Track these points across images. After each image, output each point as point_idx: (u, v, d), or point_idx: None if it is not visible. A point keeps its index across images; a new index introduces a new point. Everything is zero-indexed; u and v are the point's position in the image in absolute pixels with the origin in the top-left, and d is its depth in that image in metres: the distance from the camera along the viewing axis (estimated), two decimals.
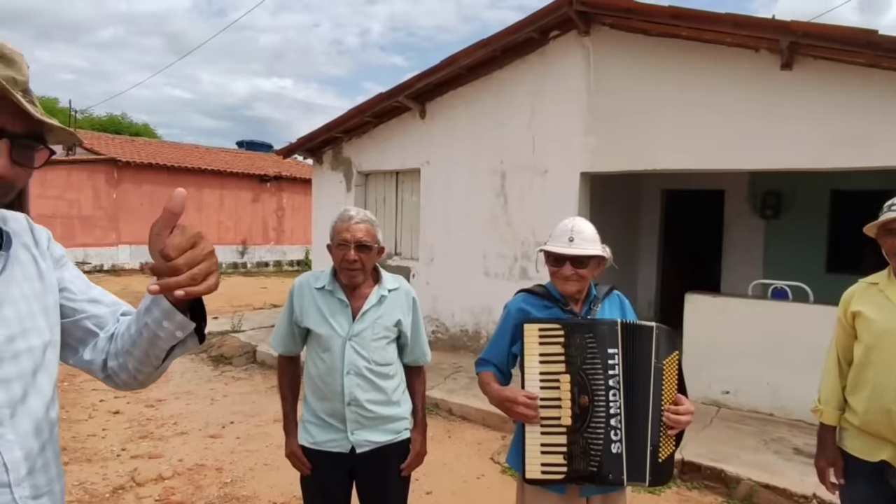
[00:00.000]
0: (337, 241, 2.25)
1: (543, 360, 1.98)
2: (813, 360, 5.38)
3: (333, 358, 2.26)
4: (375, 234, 2.29)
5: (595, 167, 6.45)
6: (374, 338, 2.28)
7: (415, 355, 2.47)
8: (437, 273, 7.71)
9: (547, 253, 2.20)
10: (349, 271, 2.24)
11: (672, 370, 2.06)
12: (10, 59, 0.98)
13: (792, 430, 5.19)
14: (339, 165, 8.71)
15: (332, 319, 2.27)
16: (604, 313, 2.23)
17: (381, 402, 2.31)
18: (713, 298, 5.88)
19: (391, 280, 2.39)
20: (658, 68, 6.03)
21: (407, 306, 2.39)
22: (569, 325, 1.99)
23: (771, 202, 8.23)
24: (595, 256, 2.15)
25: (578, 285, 2.16)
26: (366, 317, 2.27)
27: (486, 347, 2.33)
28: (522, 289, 2.34)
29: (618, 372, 1.98)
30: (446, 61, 7.02)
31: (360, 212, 2.30)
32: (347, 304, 2.28)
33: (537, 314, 2.18)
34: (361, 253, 2.23)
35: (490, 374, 2.23)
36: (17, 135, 0.97)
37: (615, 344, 1.98)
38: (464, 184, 7.42)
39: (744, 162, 5.69)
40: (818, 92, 5.25)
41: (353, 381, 2.25)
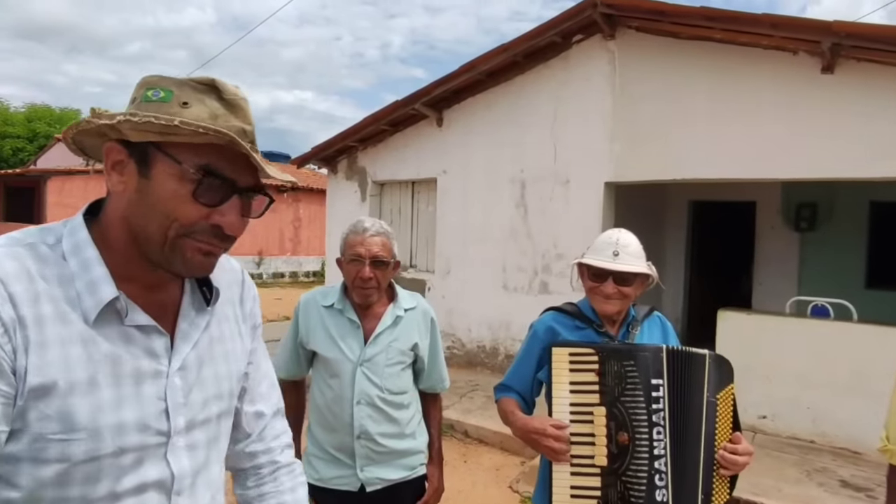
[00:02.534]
0: (349, 255, 2.03)
1: (574, 389, 1.75)
2: (857, 382, 5.10)
3: (342, 385, 2.04)
4: (392, 247, 2.08)
5: (620, 177, 6.15)
6: (388, 363, 2.07)
7: (431, 381, 2.26)
8: (454, 286, 7.42)
9: (586, 267, 1.97)
10: (363, 290, 2.02)
11: (727, 406, 1.81)
12: (236, 105, 0.92)
13: (836, 458, 4.82)
14: (354, 175, 8.49)
15: (342, 342, 2.05)
16: (643, 337, 2.01)
17: (395, 436, 2.10)
18: (748, 316, 5.51)
19: (408, 298, 2.18)
20: (687, 73, 5.74)
21: (425, 327, 2.18)
22: (605, 351, 1.76)
23: (806, 214, 7.84)
24: (641, 274, 1.96)
25: (620, 305, 1.95)
26: (379, 340, 2.07)
27: (508, 372, 2.09)
28: (551, 307, 2.10)
29: (662, 406, 1.73)
30: (464, 67, 6.78)
31: (376, 223, 2.09)
32: (359, 324, 2.07)
33: (568, 336, 1.96)
34: (377, 269, 2.01)
35: (512, 402, 1.99)
36: (247, 189, 0.93)
37: (660, 373, 1.74)
38: (482, 194, 7.15)
39: (780, 171, 5.36)
40: (862, 97, 4.92)
41: (363, 412, 2.03)
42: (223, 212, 0.92)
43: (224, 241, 0.95)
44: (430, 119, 7.54)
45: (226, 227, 0.92)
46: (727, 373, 1.83)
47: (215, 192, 0.90)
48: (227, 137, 0.86)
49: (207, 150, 0.88)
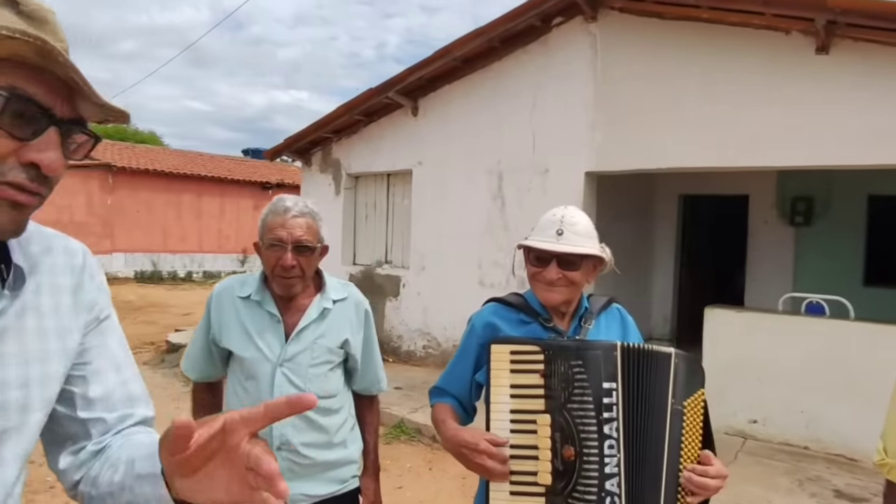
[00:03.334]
0: (269, 240, 1.78)
1: (516, 393, 1.50)
2: (854, 385, 4.74)
3: (259, 388, 1.80)
4: (318, 230, 1.83)
5: (602, 166, 5.80)
6: (312, 363, 1.83)
7: (366, 382, 2.02)
8: (429, 283, 7.06)
9: (527, 250, 1.70)
10: (285, 280, 1.77)
11: (696, 416, 1.56)
12: (40, 19, 0.76)
13: (830, 466, 4.51)
14: (329, 167, 8.13)
15: (259, 339, 1.81)
16: (598, 332, 1.74)
17: (322, 446, 1.85)
18: (738, 313, 5.16)
19: (338, 288, 1.94)
20: (673, 56, 5.40)
21: (357, 321, 1.94)
22: (550, 348, 1.51)
23: (801, 208, 7.52)
24: (590, 257, 1.68)
25: (566, 294, 1.68)
26: (303, 336, 1.82)
27: (443, 373, 1.83)
28: (493, 297, 1.83)
29: (616, 415, 1.48)
30: (439, 52, 6.43)
31: (299, 201, 1.84)
32: (279, 318, 1.82)
33: (510, 331, 1.71)
34: (301, 256, 1.77)
35: (446, 408, 1.74)
36: (65, 121, 0.77)
37: (613, 376, 1.49)
38: (458, 186, 6.80)
39: (773, 159, 5.02)
40: (859, 78, 4.61)
41: (284, 420, 1.63)
42: (39, 146, 0.74)
43: (42, 184, 0.77)
44: (405, 108, 7.19)
45: (44, 166, 0.75)
46: (697, 376, 1.57)
47: (28, 122, 0.73)
48: (38, 42, 0.69)
49: (11, 68, 0.71)
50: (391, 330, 7.51)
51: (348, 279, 7.88)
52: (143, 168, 16.04)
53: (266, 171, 20.04)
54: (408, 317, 7.29)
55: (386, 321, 7.55)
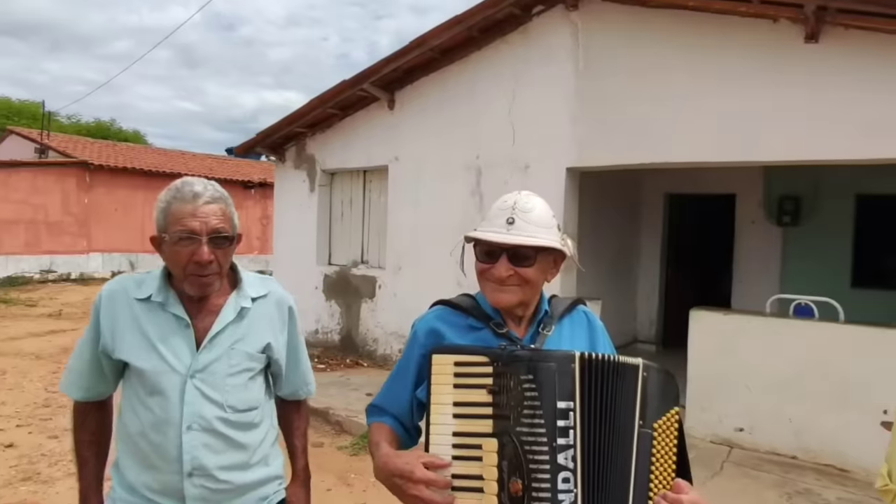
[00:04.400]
0: (176, 232, 1.50)
1: (460, 413, 1.29)
2: (845, 391, 4.46)
3: (166, 406, 1.53)
4: (232, 217, 1.59)
5: (584, 161, 5.55)
6: (231, 372, 1.58)
7: (293, 387, 1.80)
8: (406, 284, 6.78)
9: (475, 243, 1.46)
10: (201, 279, 1.53)
11: (668, 439, 1.35)
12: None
13: (820, 477, 4.28)
14: (303, 164, 7.83)
15: (164, 346, 1.54)
16: (560, 340, 1.50)
17: (240, 467, 1.61)
18: (725, 316, 4.92)
19: (256, 283, 1.69)
20: (658, 46, 5.17)
21: (280, 321, 1.71)
22: (500, 359, 1.28)
23: (788, 208, 7.31)
24: (548, 250, 1.43)
25: (520, 294, 1.44)
26: (217, 341, 1.57)
27: (381, 387, 1.59)
28: (441, 300, 1.58)
29: (572, 441, 1.25)
30: (415, 42, 6.16)
31: (209, 185, 1.57)
32: (188, 322, 1.56)
33: (456, 339, 1.47)
34: (219, 249, 1.53)
35: (383, 429, 1.50)
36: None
37: (570, 393, 1.26)
38: (435, 182, 6.53)
39: (761, 154, 4.81)
40: (850, 68, 4.41)
41: (197, 440, 1.53)
42: None
43: None
44: (381, 102, 6.91)
45: None
46: (670, 392, 1.36)
47: None
48: None
49: None
50: (367, 333, 7.22)
51: (323, 280, 7.59)
52: (121, 166, 15.61)
53: (250, 169, 19.67)
54: (384, 319, 7.00)
55: (361, 324, 7.26)
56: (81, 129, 24.83)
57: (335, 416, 5.29)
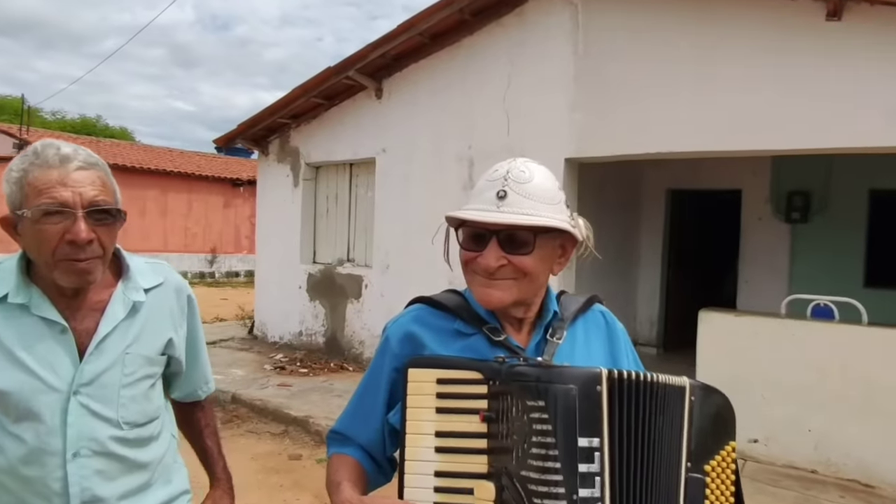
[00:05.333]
0: (41, 205, 1.17)
1: (444, 445, 1.01)
2: (869, 399, 4.06)
3: (42, 432, 1.24)
4: (114, 186, 1.28)
5: (583, 151, 5.18)
6: (126, 382, 1.30)
7: (192, 386, 1.56)
8: (394, 283, 6.39)
9: (458, 225, 1.15)
10: (76, 264, 1.20)
11: (723, 485, 1.07)
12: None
13: (844, 495, 3.92)
14: (286, 157, 7.44)
15: (32, 360, 1.23)
16: (573, 350, 1.18)
17: (144, 489, 1.36)
18: (736, 318, 4.56)
19: (146, 272, 1.39)
20: (663, 27, 4.82)
21: (180, 313, 1.45)
22: (498, 375, 1.01)
23: (798, 203, 6.96)
24: (551, 231, 1.10)
25: (515, 291, 1.11)
26: (106, 346, 1.28)
27: (344, 409, 1.28)
28: (421, 297, 1.25)
29: (598, 492, 0.95)
30: (404, 25, 5.78)
31: (80, 149, 1.26)
32: (64, 326, 1.25)
33: (439, 348, 1.16)
34: (101, 225, 1.22)
35: (346, 463, 1.19)
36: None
37: (594, 427, 0.96)
38: (425, 175, 6.15)
39: (773, 142, 4.46)
40: (875, 48, 4.07)
41: (87, 468, 1.26)
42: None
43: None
44: (368, 90, 6.53)
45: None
46: (726, 421, 1.09)
47: None
48: None
49: None
50: (353, 335, 6.83)
51: (307, 279, 7.20)
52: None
53: (238, 167, 19.26)
54: (370, 321, 6.61)
55: (347, 326, 6.87)
56: (66, 126, 24.40)
57: (315, 426, 4.90)
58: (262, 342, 7.70)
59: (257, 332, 7.88)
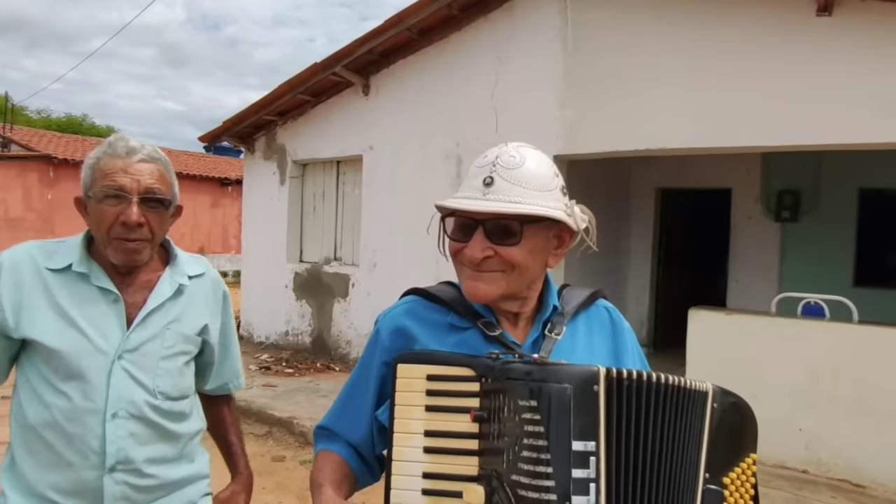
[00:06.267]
0: (103, 189, 1.34)
1: (433, 445, 0.97)
2: (861, 398, 3.98)
3: (89, 390, 1.35)
4: (172, 184, 1.44)
5: (572, 148, 5.12)
6: (165, 354, 1.43)
7: (223, 378, 1.66)
8: (380, 281, 6.30)
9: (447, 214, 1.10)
10: (127, 243, 1.35)
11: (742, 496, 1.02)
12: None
13: (836, 494, 3.88)
14: (273, 154, 7.34)
15: (86, 323, 1.36)
16: (574, 347, 1.13)
17: (170, 461, 1.46)
18: (727, 316, 4.51)
19: (190, 262, 1.55)
20: (654, 22, 4.79)
21: (216, 304, 1.57)
22: (491, 372, 0.96)
23: (788, 202, 6.93)
24: (541, 221, 1.04)
25: (503, 285, 1.06)
26: (152, 319, 1.42)
27: (332, 405, 1.24)
28: (415, 288, 1.20)
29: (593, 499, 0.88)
30: (392, 20, 5.70)
31: (147, 145, 1.43)
32: (118, 296, 1.40)
33: (431, 343, 1.11)
34: (152, 212, 1.36)
35: (332, 461, 1.14)
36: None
37: (590, 430, 0.90)
38: (412, 172, 6.07)
39: (764, 138, 4.43)
40: (865, 43, 4.03)
41: (123, 430, 1.36)
42: None
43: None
44: (355, 87, 6.46)
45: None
46: (746, 430, 1.06)
47: None
48: None
49: None
50: (339, 335, 6.74)
51: (294, 278, 7.11)
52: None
53: (227, 167, 19.11)
54: (357, 320, 6.52)
55: (334, 325, 6.77)
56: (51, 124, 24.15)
57: (300, 427, 4.80)
58: (248, 342, 7.58)
59: (243, 332, 7.77)
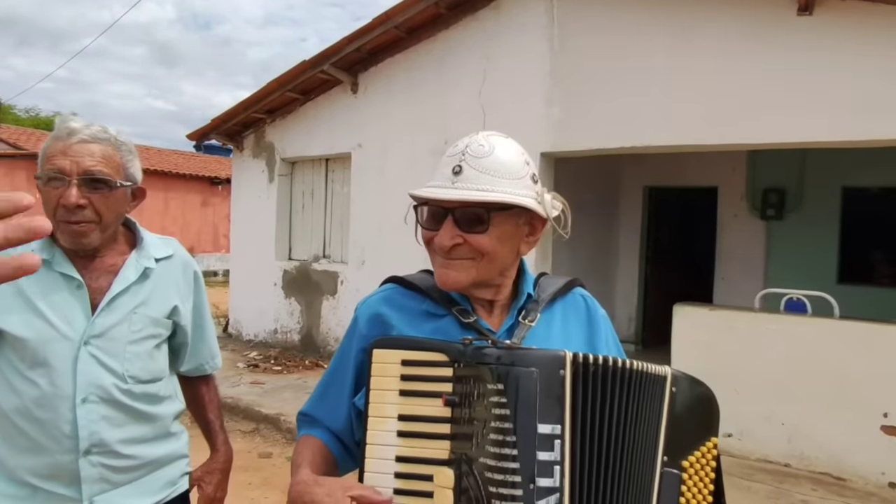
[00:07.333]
0: (45, 172, 1.35)
1: (406, 429, 0.98)
2: (841, 392, 4.02)
3: (55, 377, 1.36)
4: (123, 164, 1.40)
5: (559, 146, 5.15)
6: (133, 339, 1.44)
7: (199, 359, 1.66)
8: (369, 278, 6.30)
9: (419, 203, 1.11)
10: (70, 226, 1.34)
11: (702, 482, 1.04)
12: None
13: (817, 488, 3.92)
14: (262, 152, 7.33)
15: (50, 310, 1.37)
16: (549, 334, 1.14)
17: (148, 440, 1.48)
18: (711, 312, 4.56)
19: (158, 244, 1.54)
20: (638, 21, 4.82)
21: (186, 285, 1.57)
22: (463, 357, 0.97)
23: (772, 201, 7.00)
24: (509, 209, 1.05)
25: (472, 272, 1.07)
26: (117, 304, 1.42)
27: (314, 391, 1.25)
28: (394, 277, 1.22)
29: (557, 482, 0.90)
30: (380, 18, 5.71)
31: (95, 124, 1.41)
32: (81, 282, 1.40)
33: (407, 329, 1.13)
34: (95, 193, 1.34)
35: (313, 445, 1.15)
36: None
37: (555, 413, 0.92)
38: (400, 170, 6.08)
39: (749, 136, 4.48)
40: (847, 42, 4.09)
41: (94, 413, 1.38)
42: None
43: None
44: (343, 85, 6.46)
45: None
46: (707, 415, 1.09)
47: None
48: None
49: None
50: (328, 332, 6.74)
51: (282, 276, 7.10)
52: None
53: (217, 166, 19.00)
54: (346, 317, 6.48)
55: (322, 322, 6.78)
56: (40, 123, 23.96)
57: (287, 423, 4.81)
58: (237, 340, 7.57)
59: (232, 330, 7.76)
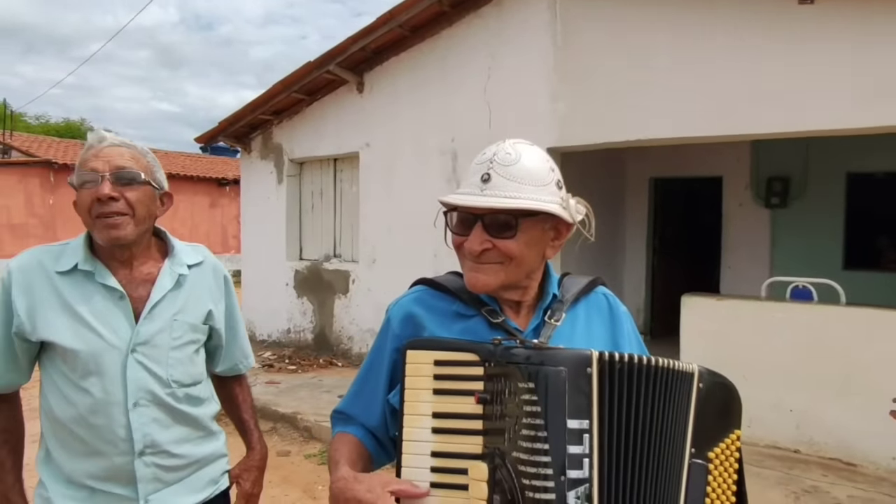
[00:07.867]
0: (79, 175, 1.42)
1: (441, 426, 1.03)
2: (849, 378, 4.06)
3: (108, 385, 1.43)
4: (150, 167, 1.49)
5: (565, 140, 5.20)
6: (174, 344, 1.50)
7: (233, 360, 1.74)
8: (380, 277, 6.39)
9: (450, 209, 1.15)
10: (106, 220, 1.39)
11: (726, 473, 1.10)
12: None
13: (827, 473, 3.98)
14: (270, 153, 7.41)
15: (98, 322, 1.43)
16: (573, 332, 1.20)
17: (193, 440, 1.56)
18: (718, 302, 4.61)
19: (189, 251, 1.61)
20: (642, 15, 4.85)
21: (218, 289, 1.64)
22: (493, 357, 1.02)
23: (777, 189, 7.02)
24: (535, 215, 1.10)
25: (501, 275, 1.13)
26: (158, 312, 1.49)
27: (348, 389, 1.31)
28: (424, 279, 1.28)
29: (586, 473, 0.96)
30: (384, 17, 5.77)
31: (118, 136, 1.51)
32: (122, 293, 1.46)
33: (438, 330, 1.18)
34: (126, 188, 1.41)
35: (349, 442, 1.21)
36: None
37: (583, 409, 0.98)
38: (408, 168, 6.15)
39: (753, 126, 4.51)
40: (849, 30, 4.09)
41: (146, 416, 1.46)
42: None
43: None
44: (349, 84, 6.52)
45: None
46: (732, 409, 1.14)
47: None
48: None
49: None
50: (341, 331, 6.83)
51: (294, 276, 7.19)
52: None
53: (224, 167, 19.11)
54: (359, 315, 6.62)
55: (335, 321, 6.87)
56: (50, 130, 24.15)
57: (304, 422, 4.91)
58: (251, 340, 7.60)
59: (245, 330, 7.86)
